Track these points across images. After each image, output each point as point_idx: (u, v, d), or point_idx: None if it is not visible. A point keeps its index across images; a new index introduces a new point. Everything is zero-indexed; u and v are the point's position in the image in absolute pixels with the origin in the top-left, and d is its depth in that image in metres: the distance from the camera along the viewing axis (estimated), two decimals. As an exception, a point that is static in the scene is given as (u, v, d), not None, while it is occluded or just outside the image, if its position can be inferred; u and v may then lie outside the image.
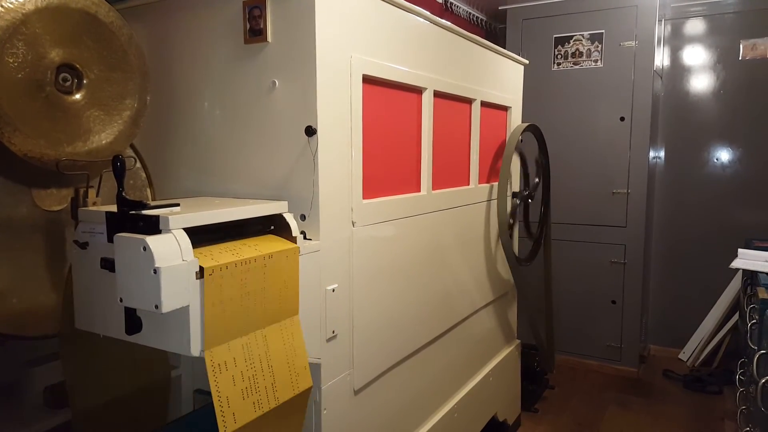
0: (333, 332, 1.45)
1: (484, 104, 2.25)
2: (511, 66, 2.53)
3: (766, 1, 3.44)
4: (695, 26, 3.67)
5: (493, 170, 2.43)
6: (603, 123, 3.47)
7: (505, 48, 2.55)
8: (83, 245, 1.18)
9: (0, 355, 1.47)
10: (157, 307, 1.01)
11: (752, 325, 2.03)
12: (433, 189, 1.91)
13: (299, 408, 1.30)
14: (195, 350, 1.08)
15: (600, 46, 3.43)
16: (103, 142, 1.39)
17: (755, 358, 1.87)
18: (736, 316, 3.45)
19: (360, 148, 1.51)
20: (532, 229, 2.76)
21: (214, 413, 1.33)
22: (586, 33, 3.47)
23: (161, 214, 1.06)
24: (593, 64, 3.46)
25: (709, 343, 3.58)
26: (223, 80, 1.49)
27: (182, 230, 1.07)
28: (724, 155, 3.65)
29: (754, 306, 2.05)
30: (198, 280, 1.07)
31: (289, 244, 1.28)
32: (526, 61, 2.69)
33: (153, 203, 1.13)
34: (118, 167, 1.11)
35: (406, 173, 1.79)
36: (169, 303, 1.02)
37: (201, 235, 1.14)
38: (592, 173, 3.52)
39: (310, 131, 1.35)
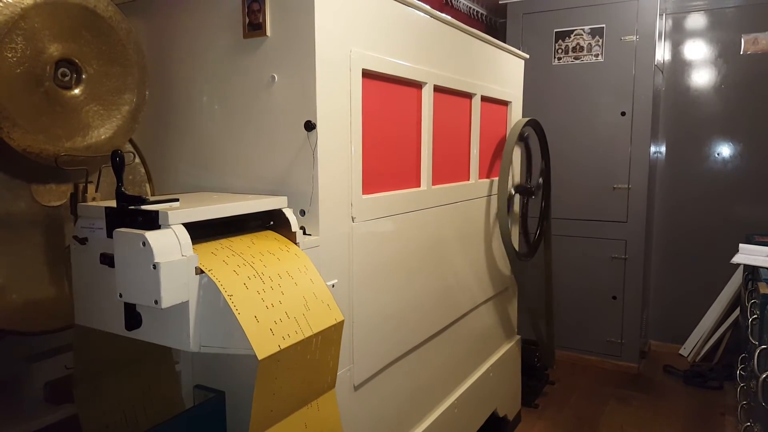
0: (333, 328, 1.45)
1: (484, 99, 2.24)
2: (512, 60, 2.52)
3: (768, -4, 3.43)
4: (696, 21, 3.65)
5: (494, 165, 2.42)
6: (604, 118, 3.47)
7: (505, 42, 2.54)
8: (82, 240, 1.17)
9: (0, 351, 1.47)
10: (156, 302, 1.01)
11: (753, 320, 2.03)
12: (433, 184, 1.91)
13: None
14: (194, 345, 1.08)
15: (601, 40, 3.42)
16: (102, 137, 1.38)
17: (756, 354, 1.87)
18: (737, 312, 3.45)
19: (360, 143, 1.50)
20: (533, 225, 2.76)
21: (215, 408, 1.33)
22: (586, 27, 3.45)
23: (160, 210, 1.06)
24: (594, 58, 3.45)
25: (709, 338, 3.58)
26: (221, 75, 1.48)
27: (181, 225, 1.06)
28: (725, 150, 3.64)
29: (755, 301, 2.05)
30: (197, 276, 1.06)
31: (334, 312, 1.15)
32: (527, 56, 2.68)
33: (152, 198, 1.12)
34: (117, 162, 1.11)
35: (406, 168, 1.78)
36: (168, 298, 1.02)
37: (200, 230, 1.13)
38: (593, 168, 3.51)
39: (310, 126, 1.34)
